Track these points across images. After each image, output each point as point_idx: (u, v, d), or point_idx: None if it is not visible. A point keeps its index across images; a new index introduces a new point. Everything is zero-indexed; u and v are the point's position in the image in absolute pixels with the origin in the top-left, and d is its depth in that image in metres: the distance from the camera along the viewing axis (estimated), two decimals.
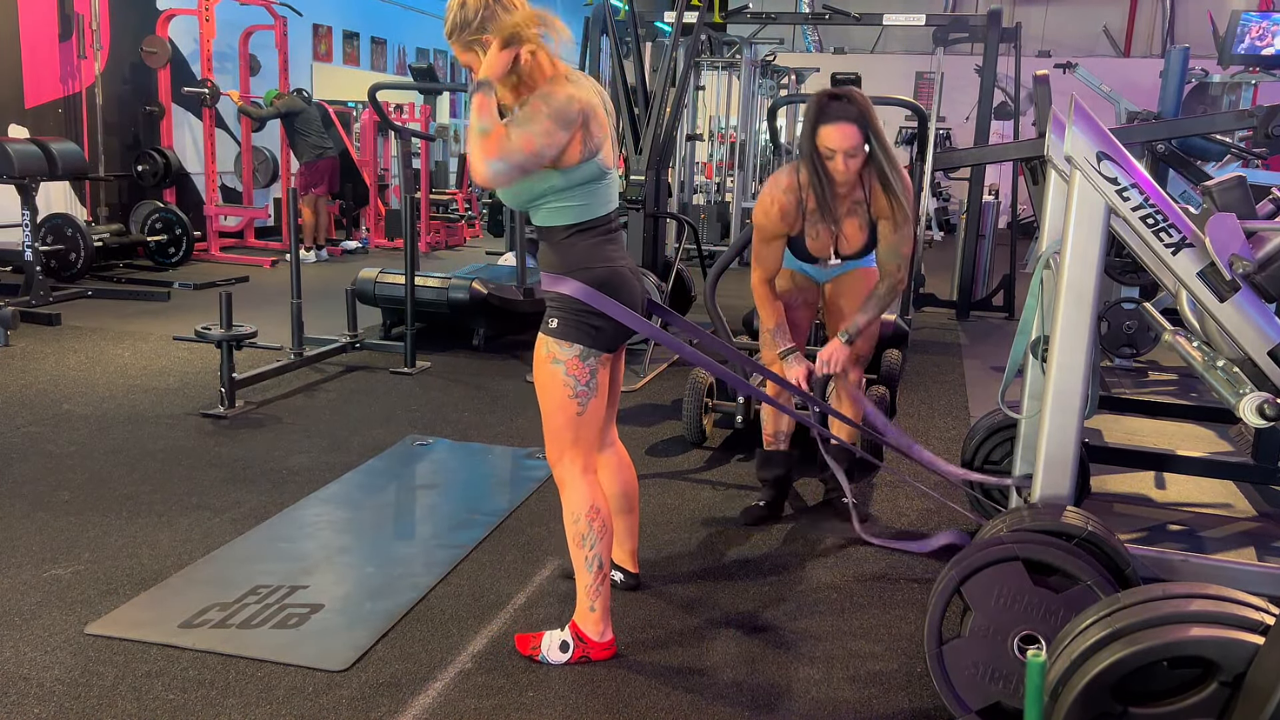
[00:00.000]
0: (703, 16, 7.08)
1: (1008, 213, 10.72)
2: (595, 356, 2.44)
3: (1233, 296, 2.23)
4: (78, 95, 8.40)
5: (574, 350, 2.42)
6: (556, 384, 2.44)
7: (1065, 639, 1.86)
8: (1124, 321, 5.82)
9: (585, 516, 2.48)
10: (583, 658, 2.53)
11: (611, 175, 2.48)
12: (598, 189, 2.42)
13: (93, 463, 3.83)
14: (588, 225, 2.43)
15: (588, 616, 2.53)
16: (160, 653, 2.52)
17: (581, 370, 2.43)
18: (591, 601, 2.52)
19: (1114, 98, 11.03)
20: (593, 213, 2.43)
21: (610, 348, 2.49)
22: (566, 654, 2.53)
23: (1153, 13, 17.80)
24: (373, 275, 5.97)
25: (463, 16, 2.29)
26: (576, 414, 2.45)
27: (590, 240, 2.44)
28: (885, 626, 2.83)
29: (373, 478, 3.82)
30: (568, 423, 2.46)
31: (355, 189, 11.14)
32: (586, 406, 2.46)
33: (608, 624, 2.56)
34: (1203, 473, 3.80)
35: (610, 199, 2.49)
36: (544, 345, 2.45)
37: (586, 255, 2.43)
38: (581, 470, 2.50)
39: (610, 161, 2.46)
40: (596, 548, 2.48)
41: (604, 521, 2.50)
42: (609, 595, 2.55)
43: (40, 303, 6.42)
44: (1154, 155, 5.59)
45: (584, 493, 2.49)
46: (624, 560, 2.95)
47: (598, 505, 2.49)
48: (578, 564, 2.51)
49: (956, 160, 5.54)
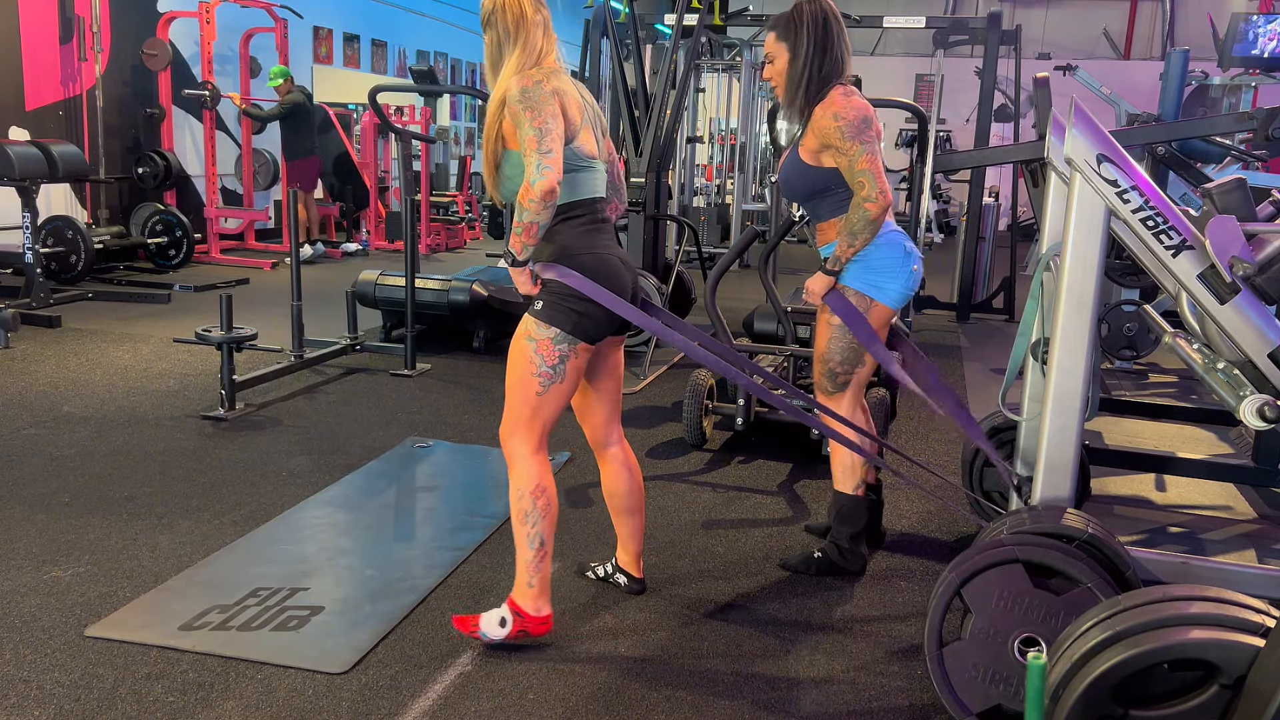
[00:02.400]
0: (703, 19, 7.09)
1: (1008, 215, 10.73)
2: (571, 344, 2.48)
3: (1233, 299, 2.23)
4: (78, 98, 8.41)
5: (550, 332, 2.47)
6: (523, 360, 2.50)
7: (1066, 641, 1.86)
8: (1124, 324, 5.83)
9: (530, 494, 2.52)
10: (521, 632, 2.58)
11: (596, 165, 2.55)
12: (580, 176, 2.51)
13: (93, 465, 3.83)
14: (573, 212, 2.51)
15: (526, 592, 2.58)
16: (160, 655, 2.52)
17: (551, 352, 2.48)
18: (530, 577, 2.57)
19: (1114, 100, 11.04)
20: (575, 196, 2.50)
21: (593, 338, 2.52)
22: (505, 629, 2.58)
23: (1153, 15, 17.81)
24: (373, 277, 5.98)
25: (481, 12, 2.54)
26: (536, 393, 2.50)
27: (577, 228, 2.52)
28: (885, 628, 2.83)
29: (373, 480, 3.82)
30: (525, 400, 2.51)
31: (355, 191, 11.15)
32: (548, 389, 2.50)
33: (545, 600, 2.60)
34: (1203, 475, 3.80)
35: (595, 187, 2.56)
36: (524, 324, 2.53)
37: (574, 242, 2.51)
38: (532, 450, 2.54)
39: (592, 151, 2.53)
40: (539, 525, 2.53)
41: (549, 500, 2.54)
42: (548, 573, 2.60)
43: (41, 305, 6.42)
44: (1154, 158, 5.60)
45: (531, 471, 2.53)
46: (628, 565, 2.96)
47: (544, 484, 2.54)
48: (519, 540, 2.56)
49: (956, 162, 5.54)
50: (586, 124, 2.54)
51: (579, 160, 2.49)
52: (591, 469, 4.02)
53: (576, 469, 4.02)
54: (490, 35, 2.51)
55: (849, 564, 3.15)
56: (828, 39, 2.91)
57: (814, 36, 2.90)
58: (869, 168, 2.84)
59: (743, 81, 10.86)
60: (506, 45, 2.48)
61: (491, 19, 2.50)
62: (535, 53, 2.48)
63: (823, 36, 2.91)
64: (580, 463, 4.09)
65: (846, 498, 3.11)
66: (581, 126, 2.50)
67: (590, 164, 2.53)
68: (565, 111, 2.44)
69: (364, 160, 10.78)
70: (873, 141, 2.87)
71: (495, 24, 2.49)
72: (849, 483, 3.10)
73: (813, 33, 2.90)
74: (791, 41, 2.93)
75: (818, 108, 2.92)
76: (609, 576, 2.99)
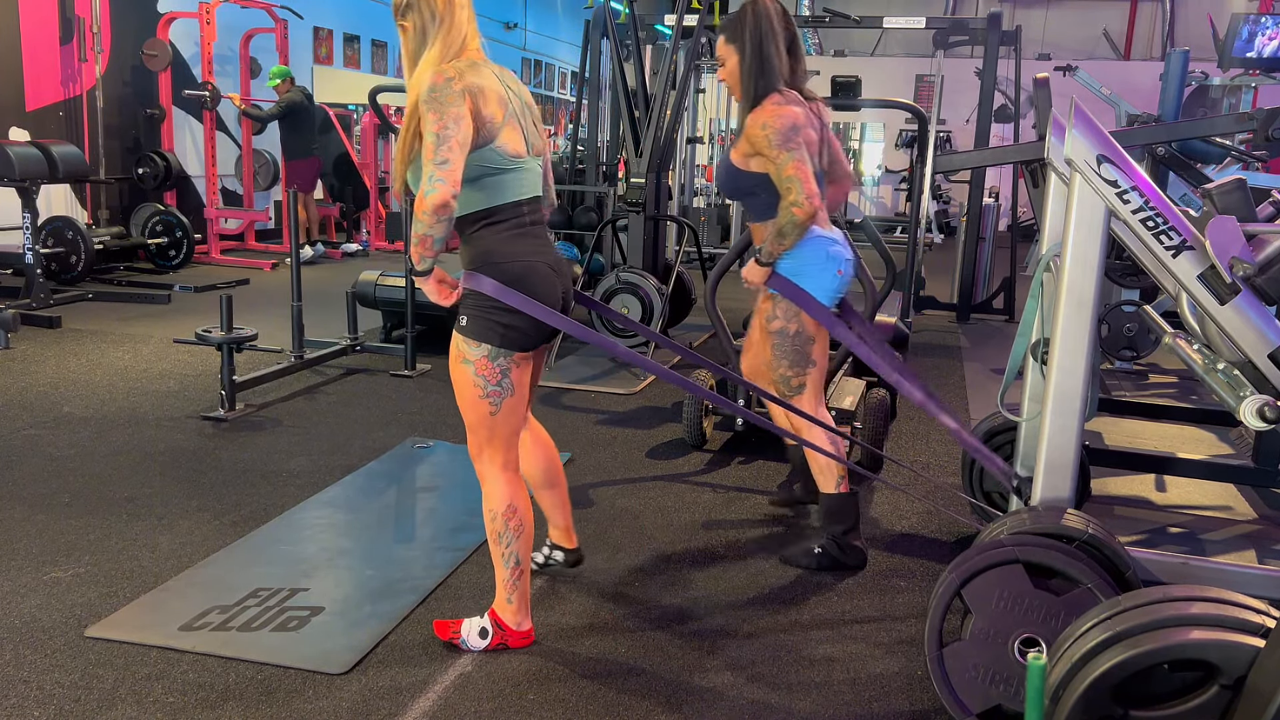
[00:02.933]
0: (703, 19, 7.09)
1: (1008, 215, 10.72)
2: (506, 356, 2.42)
3: (1233, 299, 2.23)
4: (78, 98, 8.41)
5: (482, 350, 2.41)
6: (467, 384, 2.45)
7: (1066, 642, 1.86)
8: (1124, 324, 5.83)
9: (502, 515, 2.51)
10: (500, 644, 2.59)
11: (523, 165, 2.43)
12: (504, 179, 2.39)
13: (93, 465, 3.83)
14: (495, 217, 2.40)
15: (506, 607, 2.59)
16: (160, 655, 2.52)
17: (491, 370, 2.42)
18: (509, 595, 2.57)
19: (1114, 100, 11.04)
20: (496, 200, 2.39)
21: (525, 346, 2.45)
22: (485, 640, 2.58)
23: (1153, 16, 17.82)
24: (373, 278, 5.98)
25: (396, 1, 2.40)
26: (489, 413, 2.46)
27: (500, 233, 2.41)
28: (885, 629, 2.83)
29: (373, 480, 3.82)
30: (481, 421, 2.47)
31: (355, 192, 11.15)
32: (500, 406, 2.46)
33: (525, 615, 2.61)
34: (1203, 475, 3.80)
35: (522, 188, 2.44)
36: (455, 343, 2.46)
37: (498, 249, 2.40)
38: (501, 467, 2.52)
39: (518, 150, 2.41)
40: (513, 545, 2.52)
41: (520, 520, 2.53)
42: (527, 589, 2.60)
43: (41, 305, 6.42)
44: (1154, 158, 5.59)
45: (502, 491, 2.51)
46: (560, 538, 2.96)
47: (515, 504, 2.52)
48: (495, 558, 2.55)
49: (956, 163, 5.54)
50: (511, 120, 2.39)
51: (502, 162, 2.37)
52: (592, 469, 4.02)
53: (577, 469, 4.02)
54: (412, 21, 2.36)
55: (849, 559, 3.17)
56: (763, 42, 2.97)
57: (754, 40, 2.97)
58: (795, 174, 2.88)
59: None
60: (431, 31, 2.34)
61: (413, 4, 2.35)
62: (460, 40, 2.36)
63: (759, 40, 2.97)
64: (581, 463, 4.09)
65: (832, 497, 3.15)
66: (504, 124, 2.36)
67: (515, 165, 2.40)
68: (480, 111, 2.30)
69: (364, 161, 10.79)
70: (800, 148, 2.90)
71: (418, 8, 2.35)
72: (830, 481, 3.14)
73: (753, 35, 2.97)
74: (739, 44, 3.00)
75: (749, 116, 2.99)
76: (548, 559, 3.00)
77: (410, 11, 2.37)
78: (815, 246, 3.01)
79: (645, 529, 3.43)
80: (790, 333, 3.06)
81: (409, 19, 2.37)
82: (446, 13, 2.35)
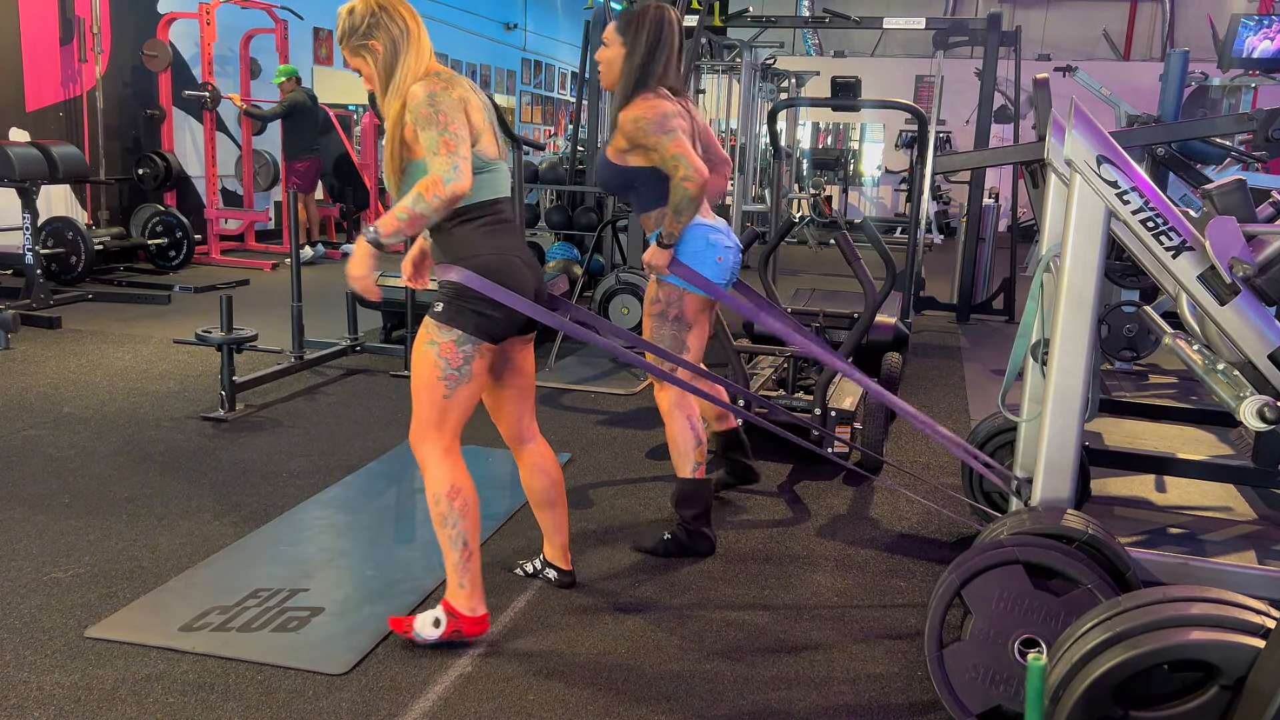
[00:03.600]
0: (703, 20, 7.09)
1: (1008, 216, 10.72)
2: (474, 344, 2.47)
3: (1233, 300, 2.23)
4: (78, 99, 8.41)
5: (452, 334, 2.46)
6: (427, 364, 2.49)
7: (1066, 642, 1.86)
8: (1124, 325, 5.83)
9: (445, 496, 2.52)
10: (455, 632, 2.58)
11: (499, 167, 2.54)
12: (482, 179, 2.48)
13: (93, 466, 3.83)
14: (472, 214, 2.49)
15: (458, 593, 2.58)
16: (160, 656, 2.52)
17: (455, 354, 2.47)
18: (460, 579, 2.57)
19: (1114, 101, 11.04)
20: (475, 198, 2.48)
21: (495, 337, 2.51)
22: (439, 630, 2.58)
23: (1152, 16, 17.82)
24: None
25: (351, 23, 2.45)
26: (443, 396, 2.49)
27: (477, 228, 2.49)
28: (885, 629, 2.83)
29: (373, 481, 3.82)
30: (433, 404, 2.50)
31: (356, 192, 11.14)
32: (454, 392, 2.49)
33: (479, 600, 2.60)
34: (1203, 476, 3.80)
35: (497, 188, 2.54)
36: (425, 327, 2.51)
37: (473, 243, 2.48)
38: (443, 451, 2.53)
39: (493, 153, 2.52)
40: (459, 526, 2.53)
41: (465, 500, 2.53)
42: (478, 572, 2.59)
43: (41, 306, 6.42)
44: (1154, 159, 5.59)
45: (444, 474, 2.52)
46: (556, 558, 2.98)
47: (458, 485, 2.53)
48: (443, 543, 2.56)
49: (956, 163, 5.53)
50: (488, 125, 2.52)
51: (482, 163, 2.47)
52: (592, 470, 4.02)
53: (577, 469, 4.02)
54: (380, 39, 2.42)
55: (697, 545, 3.24)
56: (658, 48, 3.07)
57: (649, 44, 3.06)
58: (679, 151, 2.96)
59: (743, 83, 10.86)
60: (403, 45, 2.42)
61: (377, 23, 2.41)
62: (429, 51, 2.46)
63: (654, 46, 3.07)
64: (580, 464, 4.09)
65: (686, 481, 3.23)
66: (483, 129, 2.48)
67: (493, 166, 2.51)
68: (470, 119, 2.43)
69: (364, 161, 10.78)
70: (675, 130, 2.99)
71: (384, 27, 2.41)
72: (686, 466, 3.21)
73: (650, 40, 3.06)
74: (630, 39, 3.07)
75: (621, 112, 3.07)
76: (538, 572, 3.01)
77: (376, 31, 2.43)
78: (695, 234, 3.09)
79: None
80: (669, 317, 3.16)
81: (375, 38, 2.44)
82: (414, 28, 2.46)
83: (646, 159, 3.06)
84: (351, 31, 2.44)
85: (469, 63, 15.77)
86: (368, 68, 2.46)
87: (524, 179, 6.39)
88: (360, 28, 2.43)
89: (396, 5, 2.45)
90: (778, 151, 7.42)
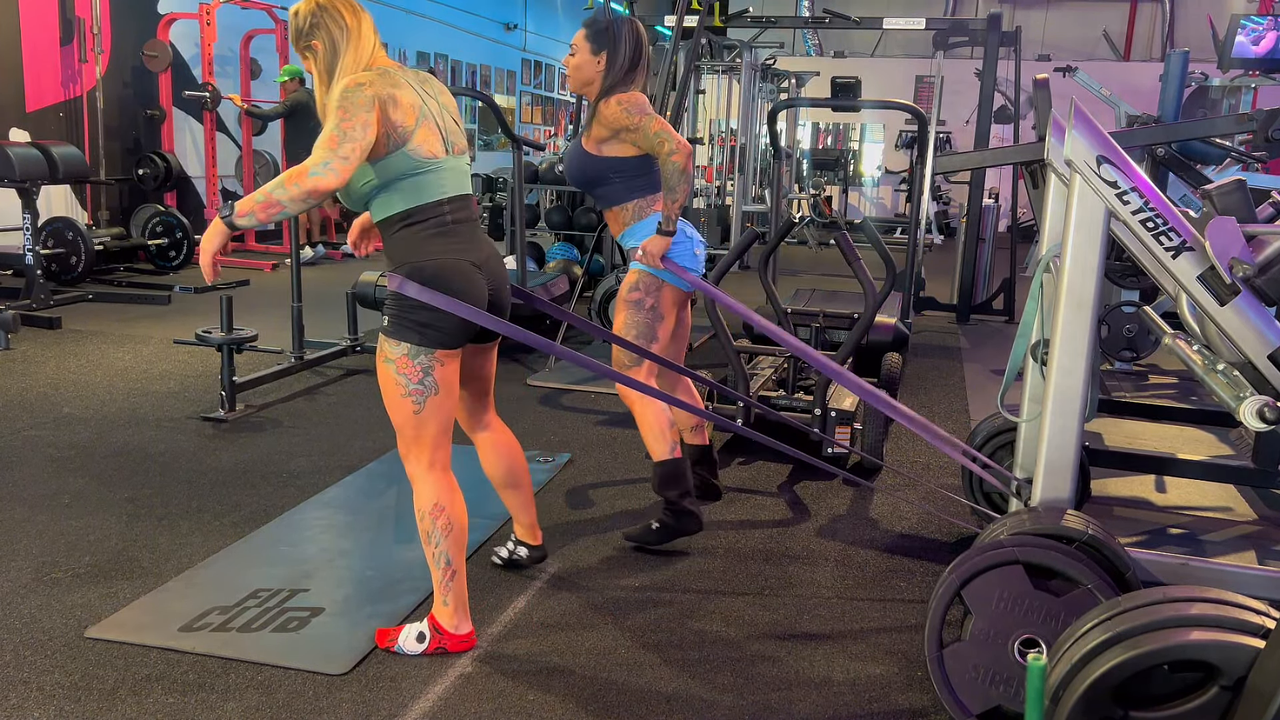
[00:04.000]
0: (703, 20, 7.09)
1: (1008, 216, 10.72)
2: (427, 354, 2.42)
3: (1233, 300, 2.23)
4: (79, 99, 8.41)
5: (402, 349, 2.42)
6: (390, 383, 2.46)
7: (1066, 643, 1.86)
8: (1124, 325, 5.83)
9: (430, 514, 2.51)
10: (439, 648, 2.57)
11: (442, 165, 2.45)
12: (421, 180, 2.41)
13: (93, 466, 3.83)
14: (413, 218, 2.42)
15: (442, 610, 2.58)
16: (160, 656, 2.52)
17: (411, 369, 2.42)
18: (444, 596, 2.56)
19: (1114, 101, 11.04)
20: (414, 202, 2.41)
21: (446, 344, 2.44)
22: (423, 644, 2.57)
23: (1152, 17, 17.82)
24: (373, 279, 5.97)
25: (296, 25, 2.47)
26: (413, 413, 2.46)
27: (419, 233, 2.42)
28: (885, 630, 2.83)
29: (373, 481, 3.82)
30: (406, 421, 2.48)
31: None
32: (424, 405, 2.45)
33: (464, 618, 2.59)
34: (1203, 476, 3.80)
35: (441, 188, 2.45)
36: (380, 344, 2.48)
37: (414, 249, 2.42)
38: (427, 466, 2.51)
39: (433, 151, 2.43)
40: (442, 545, 2.52)
41: (449, 520, 2.51)
42: (463, 591, 2.58)
43: (41, 306, 6.42)
44: (1154, 159, 5.59)
45: (429, 490, 2.51)
46: (525, 535, 3.01)
47: (441, 504, 2.51)
48: (428, 559, 2.55)
49: (956, 164, 5.53)
50: (426, 123, 2.42)
51: (416, 165, 2.39)
52: (592, 470, 4.02)
53: (576, 470, 4.02)
54: (321, 39, 2.42)
55: (686, 526, 3.26)
56: (639, 59, 3.15)
57: (629, 54, 3.13)
58: (661, 129, 3.04)
59: (743, 83, 10.86)
60: (342, 44, 2.41)
61: (318, 22, 2.42)
62: (370, 50, 2.43)
63: (635, 57, 3.14)
64: (580, 465, 4.09)
65: (664, 462, 3.23)
66: (416, 127, 2.39)
67: (432, 166, 2.42)
68: (389, 117, 2.34)
69: None
70: (655, 114, 3.08)
71: (325, 26, 2.41)
72: (663, 448, 3.23)
73: (629, 51, 3.13)
74: (610, 49, 3.14)
75: (600, 104, 3.14)
76: (512, 554, 3.04)
77: (318, 30, 2.43)
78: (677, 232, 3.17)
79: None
80: (646, 306, 3.20)
81: (317, 38, 2.44)
82: (354, 25, 2.44)
83: (624, 148, 3.11)
84: (298, 34, 2.47)
85: (469, 63, 15.77)
86: (312, 67, 2.48)
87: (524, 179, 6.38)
88: (304, 28, 2.45)
89: (337, 4, 2.44)
90: (778, 152, 7.42)
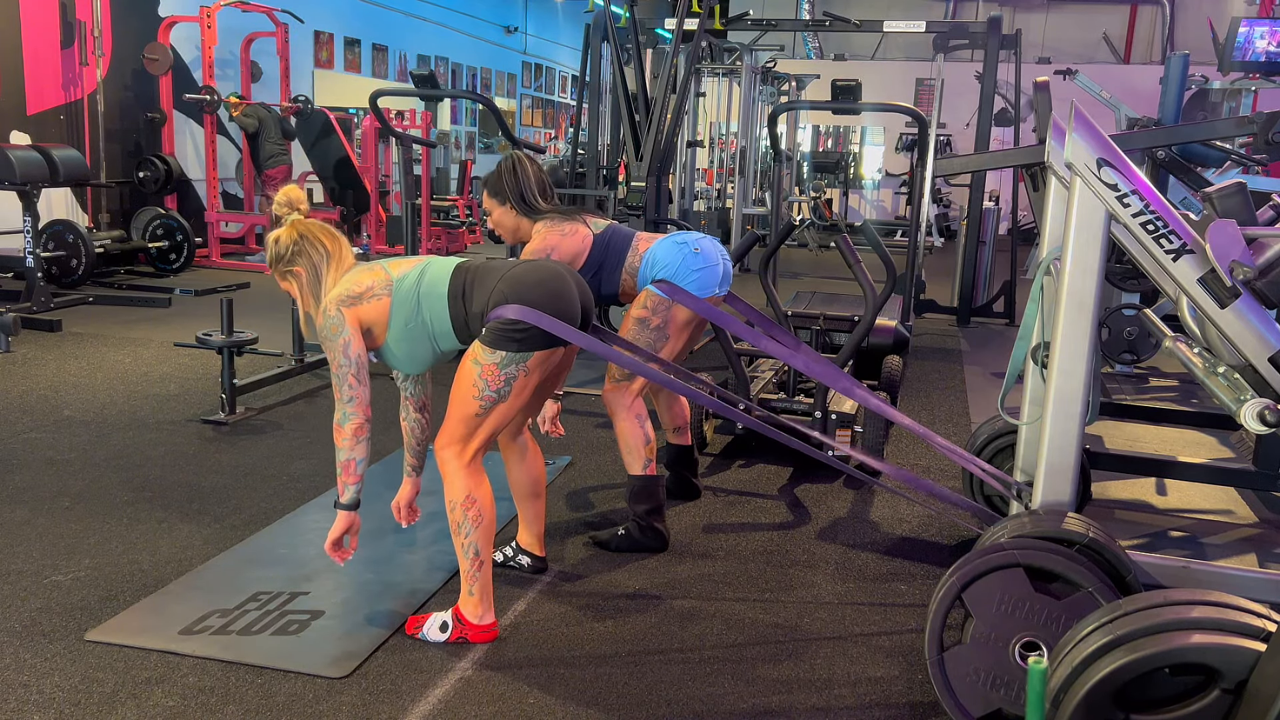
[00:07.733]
0: (703, 23, 7.09)
1: (1008, 219, 10.73)
2: (518, 364, 2.51)
3: (1233, 303, 2.23)
4: (79, 102, 8.42)
5: (495, 357, 2.51)
6: (468, 381, 2.55)
7: (1067, 646, 1.86)
8: (1125, 328, 5.82)
9: (461, 505, 2.57)
10: (460, 638, 2.63)
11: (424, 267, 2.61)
12: (424, 294, 2.58)
13: (93, 469, 3.83)
14: (462, 304, 2.58)
15: (467, 600, 2.63)
16: (160, 659, 2.52)
17: (495, 377, 2.52)
18: (470, 586, 2.62)
19: (1114, 104, 11.05)
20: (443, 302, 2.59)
21: (542, 345, 2.54)
22: (445, 634, 2.64)
23: (1153, 19, 17.83)
24: None
25: (276, 251, 2.62)
26: (475, 413, 2.55)
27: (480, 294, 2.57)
28: (885, 632, 2.83)
29: (373, 484, 3.81)
30: (464, 419, 2.56)
31: (356, 196, 11.15)
32: (489, 411, 2.55)
33: (488, 608, 2.65)
34: (1204, 479, 3.80)
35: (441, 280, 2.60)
36: (473, 347, 2.58)
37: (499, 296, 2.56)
38: (466, 463, 2.59)
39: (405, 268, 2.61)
40: (472, 536, 2.58)
41: (479, 511, 2.58)
42: (489, 582, 2.64)
43: (41, 309, 6.42)
44: (1154, 162, 5.60)
45: (462, 483, 2.58)
46: (531, 545, 3.06)
47: (474, 495, 2.58)
48: (457, 549, 2.61)
49: (956, 166, 5.54)
50: (392, 261, 2.64)
51: (408, 295, 2.59)
52: (593, 472, 4.02)
53: (578, 472, 4.02)
54: (304, 265, 2.59)
55: (649, 541, 3.30)
56: (522, 192, 3.31)
57: (524, 182, 3.31)
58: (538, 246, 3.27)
59: (743, 86, 10.88)
60: (324, 268, 2.59)
61: (300, 250, 2.58)
62: (349, 262, 2.62)
63: (518, 191, 3.31)
64: (581, 466, 4.09)
65: (638, 478, 3.29)
66: (384, 280, 2.59)
67: (417, 277, 2.61)
68: (359, 313, 2.55)
69: (365, 165, 10.79)
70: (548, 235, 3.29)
71: (305, 254, 2.58)
72: (637, 464, 3.29)
73: (521, 179, 3.31)
74: (500, 197, 3.32)
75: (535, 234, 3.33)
76: (510, 559, 3.07)
77: (299, 258, 2.60)
78: (664, 246, 3.30)
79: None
80: (651, 325, 3.26)
81: (299, 264, 2.60)
82: (335, 249, 2.61)
83: (576, 256, 3.29)
84: (278, 259, 2.61)
85: (470, 66, 15.79)
86: (294, 289, 2.64)
87: None
88: (285, 255, 2.60)
89: (315, 232, 2.60)
90: (778, 155, 7.43)
